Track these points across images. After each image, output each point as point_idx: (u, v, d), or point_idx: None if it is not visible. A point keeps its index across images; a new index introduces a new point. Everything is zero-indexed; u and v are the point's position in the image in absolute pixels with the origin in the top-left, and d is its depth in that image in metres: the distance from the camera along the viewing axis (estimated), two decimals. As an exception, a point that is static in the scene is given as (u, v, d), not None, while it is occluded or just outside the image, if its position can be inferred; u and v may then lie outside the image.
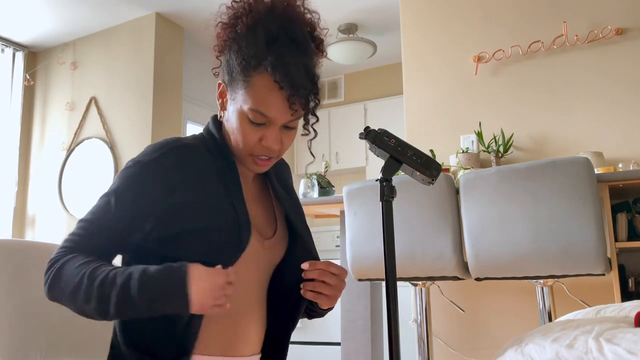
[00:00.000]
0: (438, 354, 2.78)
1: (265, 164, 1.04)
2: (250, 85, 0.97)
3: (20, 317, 1.13)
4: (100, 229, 0.96)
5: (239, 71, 0.98)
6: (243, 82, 0.97)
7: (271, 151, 1.01)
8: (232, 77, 1.00)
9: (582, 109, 2.75)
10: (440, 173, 0.99)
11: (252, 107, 0.97)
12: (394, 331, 0.93)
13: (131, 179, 0.98)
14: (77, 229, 0.98)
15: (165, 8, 4.14)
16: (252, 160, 1.03)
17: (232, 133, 1.02)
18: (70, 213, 4.26)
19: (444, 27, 3.20)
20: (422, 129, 3.16)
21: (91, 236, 0.96)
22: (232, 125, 1.02)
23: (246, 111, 0.98)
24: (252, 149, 1.01)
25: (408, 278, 2.19)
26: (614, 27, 2.70)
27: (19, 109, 4.49)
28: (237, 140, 1.02)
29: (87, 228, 0.97)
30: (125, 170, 0.99)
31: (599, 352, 0.80)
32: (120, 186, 0.98)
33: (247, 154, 1.02)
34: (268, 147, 1.00)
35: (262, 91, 0.96)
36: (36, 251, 1.22)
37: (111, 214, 0.96)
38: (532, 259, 1.86)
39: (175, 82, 4.35)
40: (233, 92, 1.00)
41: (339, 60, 4.55)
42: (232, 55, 1.00)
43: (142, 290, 0.86)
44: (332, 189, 2.83)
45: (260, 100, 0.96)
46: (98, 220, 0.97)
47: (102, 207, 0.97)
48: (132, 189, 0.97)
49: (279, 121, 0.99)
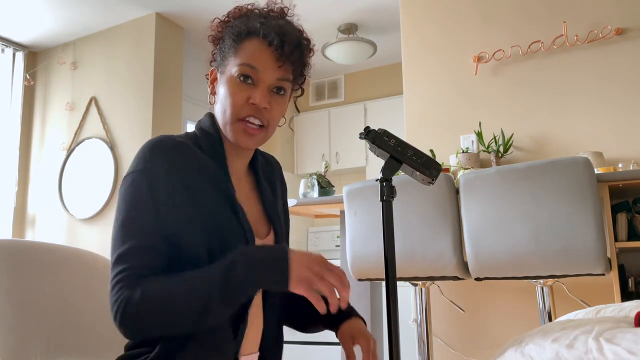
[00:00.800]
0: (438, 354, 2.78)
1: (253, 132, 1.01)
2: (240, 49, 1.01)
3: (20, 317, 1.13)
4: (146, 248, 0.91)
5: (230, 45, 1.02)
6: (233, 50, 1.02)
7: (258, 111, 1.00)
8: (223, 54, 1.04)
9: (582, 109, 2.76)
10: (440, 173, 0.99)
11: (240, 62, 1.00)
12: (394, 331, 0.93)
13: (137, 192, 0.94)
14: (121, 262, 0.90)
15: (165, 8, 4.14)
16: (239, 127, 1.00)
17: (221, 105, 1.02)
18: (70, 213, 4.26)
19: (444, 27, 3.20)
20: (422, 129, 3.16)
21: (141, 257, 0.91)
22: (221, 95, 1.02)
23: (234, 72, 1.00)
24: (240, 110, 1.00)
25: (408, 278, 2.19)
26: (614, 27, 2.70)
27: (19, 109, 4.49)
28: (225, 109, 1.01)
29: (132, 253, 0.90)
30: (126, 185, 0.96)
31: (599, 352, 0.80)
32: (132, 200, 0.94)
33: (235, 120, 1.00)
34: (256, 103, 0.99)
35: (252, 49, 1.00)
36: (36, 251, 1.22)
37: (145, 223, 0.92)
38: (532, 259, 1.86)
39: (175, 82, 4.35)
40: (223, 66, 1.03)
41: (339, 60, 4.55)
42: (225, 36, 1.04)
43: (248, 264, 0.87)
44: (332, 189, 2.83)
45: (249, 55, 1.00)
46: (138, 241, 0.91)
47: (129, 226, 0.92)
48: (145, 198, 0.94)
49: (266, 76, 1.00)
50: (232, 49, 1.02)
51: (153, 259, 0.92)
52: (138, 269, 0.89)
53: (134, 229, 0.92)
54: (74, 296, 1.23)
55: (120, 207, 0.95)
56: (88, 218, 4.18)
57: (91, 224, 4.18)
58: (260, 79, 1.00)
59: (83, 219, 4.20)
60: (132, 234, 0.92)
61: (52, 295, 1.18)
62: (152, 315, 0.87)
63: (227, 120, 1.01)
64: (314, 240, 5.37)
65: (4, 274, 1.14)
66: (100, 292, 1.28)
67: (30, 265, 1.19)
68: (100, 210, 4.12)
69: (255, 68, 0.99)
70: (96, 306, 1.26)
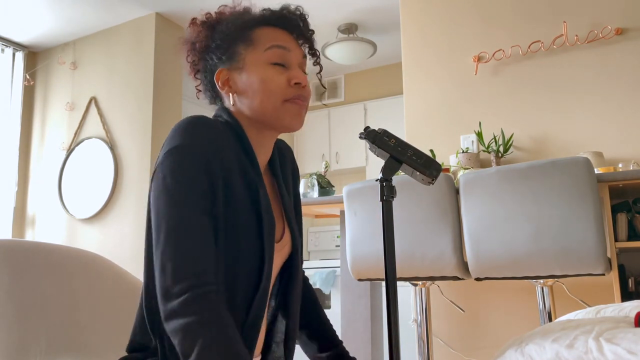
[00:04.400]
0: (438, 354, 2.78)
1: (303, 106, 1.01)
2: (254, 39, 1.00)
3: (21, 317, 1.13)
4: (202, 251, 0.87)
5: (235, 39, 1.00)
6: (245, 43, 1.00)
7: (302, 89, 1.00)
8: (231, 51, 1.01)
9: (582, 109, 2.76)
10: (440, 173, 0.99)
11: (268, 46, 0.99)
12: (394, 331, 0.93)
13: (179, 170, 0.89)
14: (175, 266, 0.84)
15: (165, 8, 4.14)
16: (289, 108, 0.99)
17: (258, 94, 0.98)
18: (70, 213, 4.26)
19: (444, 27, 3.20)
20: (422, 129, 3.16)
21: (197, 261, 0.86)
22: (254, 85, 0.98)
23: (263, 58, 0.99)
24: (284, 92, 0.98)
25: (408, 278, 2.19)
26: (614, 27, 2.70)
27: (19, 109, 4.49)
28: (265, 96, 0.97)
29: (184, 255, 0.85)
30: (167, 162, 0.90)
31: (599, 352, 0.80)
32: (175, 183, 0.89)
33: (280, 103, 0.98)
34: (298, 82, 0.99)
35: (267, 34, 1.00)
36: (36, 251, 1.22)
37: (194, 223, 0.87)
38: (532, 259, 1.86)
39: (175, 82, 4.35)
40: (238, 61, 1.00)
41: (339, 60, 4.55)
42: (221, 36, 1.01)
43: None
44: (332, 189, 2.83)
45: (271, 39, 1.00)
46: (192, 244, 0.86)
47: (180, 219, 0.87)
48: (187, 179, 0.89)
49: (294, 56, 1.01)
50: (243, 42, 0.99)
51: (211, 260, 0.87)
52: (208, 285, 0.85)
53: (192, 226, 0.87)
54: (74, 296, 1.23)
55: (169, 187, 0.88)
56: (88, 218, 4.18)
57: (91, 224, 4.18)
58: (291, 60, 1.00)
59: (83, 219, 4.20)
60: (191, 232, 0.86)
61: (52, 295, 1.18)
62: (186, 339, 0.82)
63: (272, 107, 0.98)
64: (314, 240, 5.37)
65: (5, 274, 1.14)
66: (100, 292, 1.28)
67: (30, 265, 1.19)
68: (100, 210, 4.12)
69: (286, 48, 1.00)
70: (96, 306, 1.26)
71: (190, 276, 0.83)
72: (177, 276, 0.83)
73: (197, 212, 0.87)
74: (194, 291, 0.82)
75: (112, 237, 4.04)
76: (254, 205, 0.96)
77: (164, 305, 0.83)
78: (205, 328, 0.80)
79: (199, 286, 0.83)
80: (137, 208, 3.98)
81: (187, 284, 0.83)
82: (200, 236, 0.87)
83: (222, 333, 0.81)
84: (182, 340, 0.80)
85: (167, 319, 0.83)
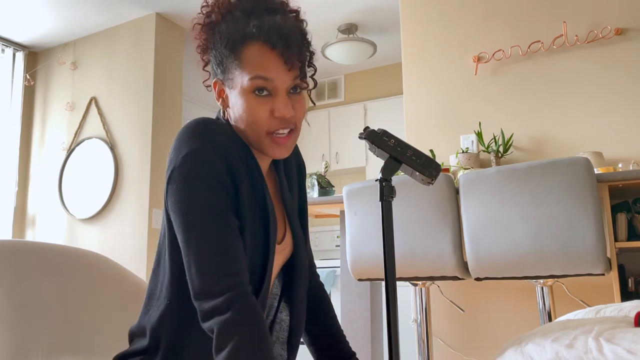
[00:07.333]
0: (438, 354, 2.78)
1: (284, 142, 0.97)
2: (243, 59, 0.94)
3: (21, 317, 1.13)
4: (234, 253, 0.90)
5: (227, 55, 0.95)
6: (235, 62, 0.94)
7: (286, 121, 0.96)
8: (224, 66, 0.97)
9: (582, 109, 2.76)
10: (439, 173, 0.99)
11: (251, 76, 0.93)
12: (393, 331, 0.93)
13: (199, 169, 0.90)
14: (208, 271, 0.87)
15: (165, 8, 4.14)
16: (271, 141, 0.97)
17: (242, 121, 0.96)
18: (71, 213, 4.26)
19: (444, 27, 3.20)
20: (422, 129, 3.16)
21: (231, 264, 0.89)
22: (240, 111, 0.96)
23: (247, 86, 0.94)
24: (267, 125, 0.95)
25: (408, 278, 2.19)
26: (614, 27, 2.70)
27: (19, 109, 4.49)
28: (249, 125, 0.96)
29: (222, 255, 0.88)
30: (184, 167, 0.91)
31: (599, 352, 0.80)
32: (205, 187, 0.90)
33: (264, 135, 0.96)
34: (281, 116, 0.94)
35: (255, 57, 0.93)
36: (37, 251, 1.22)
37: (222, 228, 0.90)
38: (532, 259, 1.87)
39: (175, 82, 4.35)
40: (229, 79, 0.97)
41: (339, 60, 4.55)
42: (217, 45, 0.97)
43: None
44: (332, 189, 2.84)
45: (256, 66, 0.93)
46: (225, 247, 0.89)
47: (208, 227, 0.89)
48: (209, 180, 0.90)
49: (281, 84, 0.94)
50: (233, 60, 0.95)
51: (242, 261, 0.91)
52: (245, 284, 0.89)
53: (220, 230, 0.90)
54: (75, 296, 1.23)
55: (199, 190, 0.90)
56: (88, 218, 4.18)
57: (91, 224, 4.18)
58: (276, 88, 0.94)
59: (83, 219, 4.20)
60: (221, 234, 0.89)
61: (53, 294, 1.19)
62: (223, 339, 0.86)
63: (256, 137, 0.97)
64: (314, 240, 5.37)
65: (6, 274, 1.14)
66: (103, 292, 1.28)
67: (31, 265, 1.19)
68: (101, 210, 4.12)
69: (269, 79, 0.93)
70: (99, 306, 1.26)
71: (230, 275, 0.88)
72: (218, 275, 0.87)
73: (228, 213, 0.91)
74: (235, 290, 0.87)
75: (112, 237, 4.04)
76: (260, 208, 0.97)
77: (206, 303, 0.87)
78: (244, 325, 0.85)
79: (239, 285, 0.88)
80: (137, 208, 3.98)
81: (228, 283, 0.87)
82: (233, 236, 0.90)
83: (262, 329, 0.87)
84: (224, 336, 0.84)
85: (208, 316, 0.87)
